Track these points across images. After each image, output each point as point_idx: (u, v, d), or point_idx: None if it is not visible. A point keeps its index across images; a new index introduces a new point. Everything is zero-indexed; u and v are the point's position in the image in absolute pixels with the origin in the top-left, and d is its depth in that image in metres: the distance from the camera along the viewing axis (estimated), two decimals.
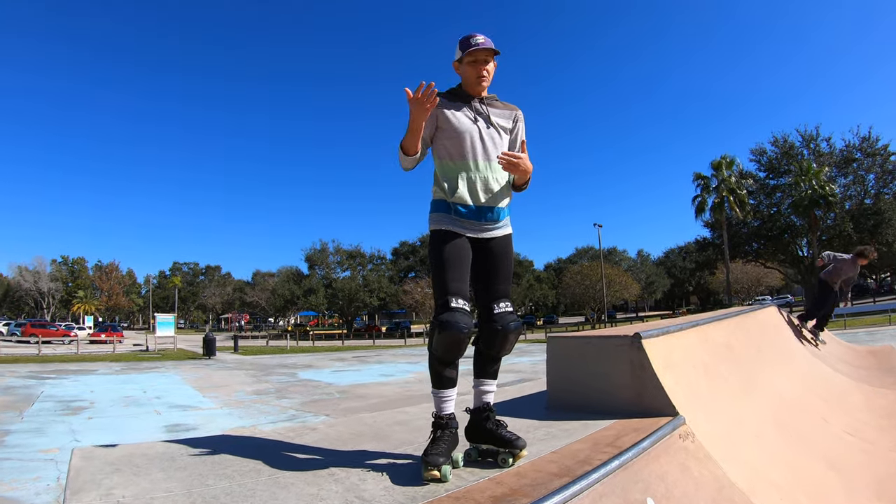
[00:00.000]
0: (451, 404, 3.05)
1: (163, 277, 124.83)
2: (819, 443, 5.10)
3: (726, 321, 6.30)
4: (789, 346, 8.57)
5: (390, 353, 36.11)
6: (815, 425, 5.60)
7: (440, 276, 3.02)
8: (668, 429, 3.46)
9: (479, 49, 3.12)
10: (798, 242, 52.65)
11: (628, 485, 2.81)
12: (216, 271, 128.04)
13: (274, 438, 3.84)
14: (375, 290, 75.95)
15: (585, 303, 75.99)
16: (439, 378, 3.04)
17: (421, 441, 3.52)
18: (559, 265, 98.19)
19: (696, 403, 4.09)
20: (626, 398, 3.97)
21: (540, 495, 2.40)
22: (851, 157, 50.77)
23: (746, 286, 70.76)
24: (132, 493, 2.53)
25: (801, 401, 6.30)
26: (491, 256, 3.22)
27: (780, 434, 4.87)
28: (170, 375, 21.80)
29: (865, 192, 51.17)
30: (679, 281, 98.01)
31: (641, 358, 3.92)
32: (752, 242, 55.78)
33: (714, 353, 5.25)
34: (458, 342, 2.90)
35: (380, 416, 4.75)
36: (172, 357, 33.75)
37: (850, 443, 5.36)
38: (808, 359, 8.86)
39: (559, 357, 4.58)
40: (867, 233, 48.30)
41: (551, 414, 4.17)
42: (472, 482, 2.70)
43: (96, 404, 13.49)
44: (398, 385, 17.16)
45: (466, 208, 3.13)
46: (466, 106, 3.24)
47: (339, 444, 3.56)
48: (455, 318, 2.88)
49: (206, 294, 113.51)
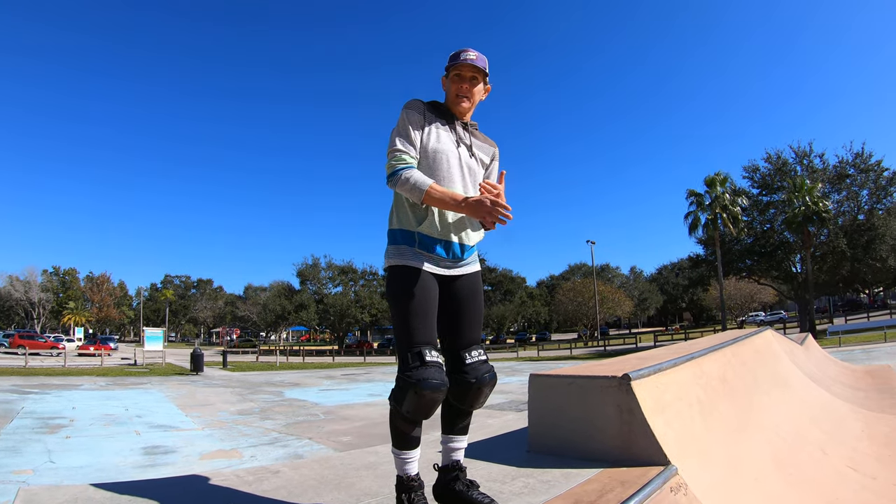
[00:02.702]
0: (415, 465, 2.73)
1: (154, 290, 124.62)
2: (818, 479, 4.82)
3: (722, 351, 6.02)
4: (785, 371, 8.33)
5: (380, 370, 35.88)
6: (815, 460, 5.33)
7: (406, 323, 2.63)
8: (659, 482, 3.14)
9: (465, 64, 2.82)
10: (791, 259, 52.78)
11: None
12: (208, 285, 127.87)
13: (232, 483, 3.58)
14: (367, 305, 76.04)
15: (578, 319, 76.26)
16: (404, 439, 2.71)
17: (386, 492, 3.23)
18: (551, 282, 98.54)
19: (690, 448, 3.78)
20: (613, 445, 3.64)
21: None
22: (845, 172, 51.03)
23: (740, 303, 70.86)
24: None
25: (800, 433, 6.04)
26: (459, 296, 2.86)
27: (779, 474, 4.58)
28: (154, 392, 21.57)
29: (859, 207, 51.36)
30: (672, 297, 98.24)
31: (630, 401, 3.58)
32: (745, 259, 55.96)
33: (709, 388, 4.96)
34: (434, 403, 2.57)
35: (348, 458, 4.44)
36: (160, 372, 33.38)
37: (851, 478, 5.10)
38: (804, 384, 8.63)
39: (541, 398, 4.21)
40: (860, 249, 48.48)
41: (532, 458, 3.84)
42: None
43: (76, 422, 13.29)
44: (385, 406, 16.63)
45: (435, 241, 2.77)
46: (450, 125, 2.91)
47: (297, 493, 3.28)
48: (431, 375, 2.53)
49: (198, 308, 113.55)
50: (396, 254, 2.77)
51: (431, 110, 2.89)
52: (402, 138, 2.76)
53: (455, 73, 2.86)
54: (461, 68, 2.84)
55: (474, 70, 2.84)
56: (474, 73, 2.85)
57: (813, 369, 10.56)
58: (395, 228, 2.83)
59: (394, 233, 2.84)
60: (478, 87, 2.90)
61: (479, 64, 2.83)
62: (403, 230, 2.79)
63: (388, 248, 2.84)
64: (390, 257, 2.80)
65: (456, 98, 2.88)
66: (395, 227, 2.84)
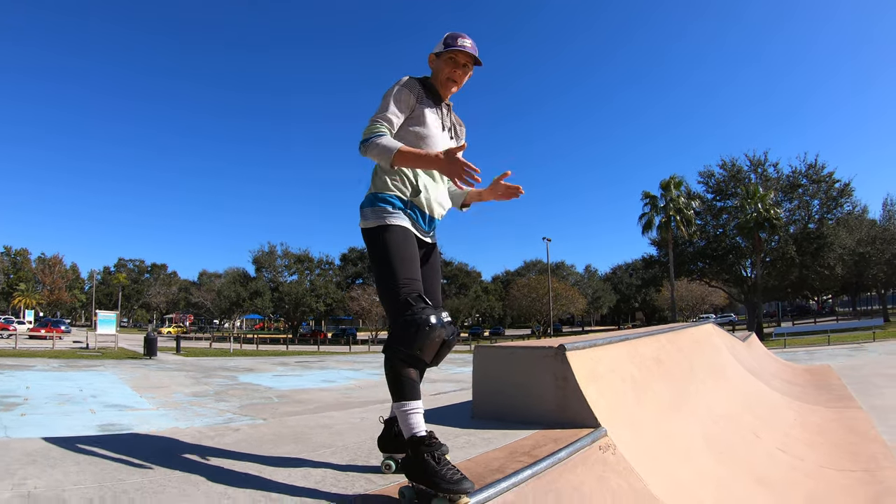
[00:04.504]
0: (422, 418, 2.62)
1: (107, 273, 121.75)
2: (749, 459, 5.18)
3: (657, 336, 6.39)
4: (723, 362, 8.71)
5: (334, 359, 36.07)
6: (746, 441, 5.69)
7: (402, 271, 2.71)
8: (588, 440, 3.47)
9: (462, 51, 2.97)
10: (742, 263, 53.95)
11: (540, 494, 2.80)
12: (162, 270, 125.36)
13: (194, 437, 3.77)
14: (322, 295, 75.57)
15: (532, 315, 76.56)
16: (411, 386, 2.64)
17: (339, 445, 3.51)
18: (507, 277, 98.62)
19: (621, 416, 4.11)
20: (549, 409, 3.97)
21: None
22: (797, 182, 52.37)
23: (691, 304, 72.24)
24: (45, 484, 2.52)
25: (733, 417, 6.40)
26: (429, 261, 3.07)
27: (709, 450, 4.93)
28: (108, 374, 21.45)
29: (810, 216, 52.76)
30: (625, 297, 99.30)
31: (565, 370, 3.92)
32: (697, 261, 57.07)
33: (643, 367, 5.30)
34: (440, 340, 2.63)
35: (303, 420, 4.68)
36: (113, 356, 33.06)
37: (781, 459, 5.46)
38: (742, 375, 9.03)
39: (485, 367, 4.53)
40: (809, 256, 49.83)
41: (475, 423, 4.15)
42: (382, 485, 2.68)
43: (31, 401, 13.32)
44: (339, 392, 17.07)
45: (420, 212, 2.96)
46: (438, 108, 3.08)
47: (257, 445, 3.50)
48: (437, 314, 2.63)
49: (151, 293, 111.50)
50: (389, 214, 2.83)
51: (424, 90, 3.01)
52: (385, 112, 2.86)
53: (450, 56, 2.99)
54: (457, 54, 2.98)
55: (468, 58, 3.00)
56: (467, 61, 3.01)
57: (753, 364, 11.00)
58: (392, 194, 2.89)
59: (387, 197, 2.88)
60: (468, 73, 3.07)
61: (474, 52, 2.98)
62: (397, 197, 2.89)
63: (379, 208, 2.86)
64: (383, 216, 2.83)
65: (447, 81, 3.03)
66: (389, 192, 2.90)
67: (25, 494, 2.39)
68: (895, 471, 5.25)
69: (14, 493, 2.40)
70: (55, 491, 2.44)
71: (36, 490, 2.44)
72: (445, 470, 2.40)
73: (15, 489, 2.45)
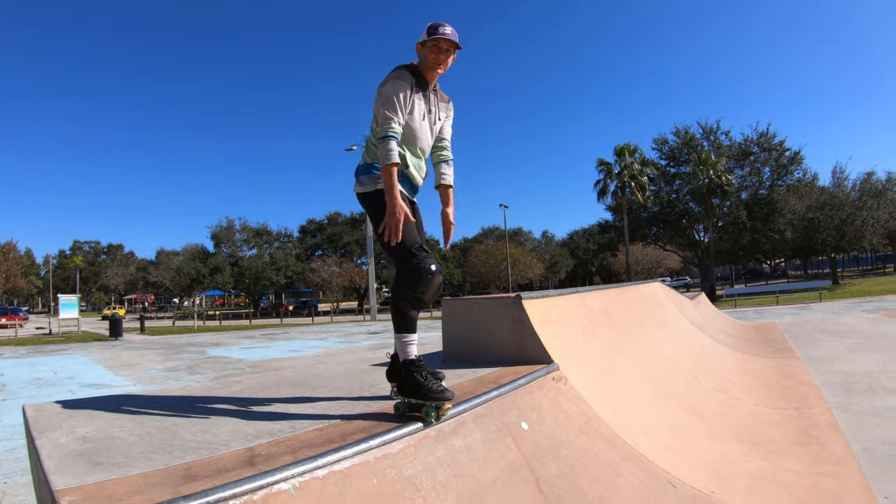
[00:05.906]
0: (416, 348, 3.29)
1: (63, 257, 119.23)
2: (687, 395, 5.90)
3: (606, 291, 7.10)
4: (669, 315, 9.41)
5: (298, 330, 36.37)
6: (687, 382, 6.40)
7: (407, 228, 3.21)
8: (543, 372, 4.17)
9: (444, 38, 3.37)
10: (695, 227, 54.85)
11: (505, 410, 3.48)
12: (118, 250, 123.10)
13: (205, 389, 4.35)
14: (283, 268, 74.56)
15: (490, 282, 76.81)
16: (410, 322, 3.25)
17: (333, 385, 4.13)
18: (465, 244, 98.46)
19: (572, 355, 4.81)
20: (510, 350, 4.68)
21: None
22: (749, 150, 53.17)
23: (647, 268, 73.81)
24: (93, 430, 2.89)
25: (676, 362, 7.11)
26: (417, 217, 3.61)
27: (650, 386, 5.66)
28: (79, 357, 21.50)
29: (761, 183, 53.60)
30: (582, 261, 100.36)
31: (522, 315, 4.62)
32: (651, 226, 57.82)
33: (591, 317, 6.00)
34: (439, 285, 3.22)
35: (296, 370, 5.32)
36: (78, 339, 32.91)
37: (718, 397, 6.19)
38: (687, 328, 9.75)
39: (452, 317, 5.31)
40: (760, 220, 51.04)
41: (446, 365, 4.81)
42: (377, 407, 3.33)
43: (8, 387, 13.43)
44: (309, 359, 17.56)
45: (412, 183, 3.54)
46: (424, 94, 3.50)
47: (262, 390, 4.07)
48: (435, 262, 3.21)
49: (109, 274, 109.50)
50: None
51: (414, 78, 3.43)
52: (392, 109, 3.27)
53: (433, 43, 3.40)
54: (439, 42, 3.39)
55: (450, 44, 3.42)
56: (449, 47, 3.43)
57: (699, 320, 11.76)
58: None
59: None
60: (451, 57, 3.50)
61: (455, 39, 3.40)
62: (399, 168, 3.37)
63: (374, 175, 3.39)
64: (379, 183, 3.32)
65: (433, 65, 3.46)
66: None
67: (81, 437, 2.77)
68: (823, 409, 6.00)
69: (70, 438, 2.77)
70: (105, 434, 2.83)
71: (88, 435, 2.82)
72: (431, 383, 3.11)
73: (70, 434, 2.83)
